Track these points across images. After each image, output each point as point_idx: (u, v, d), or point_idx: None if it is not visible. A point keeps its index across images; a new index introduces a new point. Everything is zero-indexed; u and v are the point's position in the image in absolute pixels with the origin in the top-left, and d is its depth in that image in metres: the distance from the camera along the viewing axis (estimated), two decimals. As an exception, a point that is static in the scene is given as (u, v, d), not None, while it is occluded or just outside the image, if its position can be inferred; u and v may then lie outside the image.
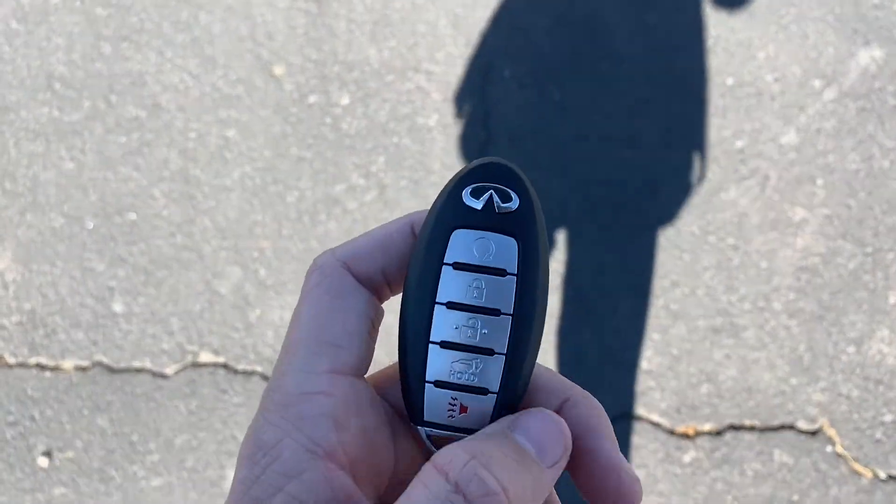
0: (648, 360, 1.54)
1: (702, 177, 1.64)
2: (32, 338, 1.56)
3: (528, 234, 0.32)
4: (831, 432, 1.50)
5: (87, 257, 1.61)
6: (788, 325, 1.55)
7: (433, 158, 1.66)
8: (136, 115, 1.71)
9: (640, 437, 1.50)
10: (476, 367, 0.31)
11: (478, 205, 0.32)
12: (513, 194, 0.32)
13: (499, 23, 1.77)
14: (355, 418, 0.30)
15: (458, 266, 0.31)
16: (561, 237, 1.61)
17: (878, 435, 1.50)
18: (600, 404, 0.33)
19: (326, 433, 0.29)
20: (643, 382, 1.53)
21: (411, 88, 1.71)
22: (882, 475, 1.48)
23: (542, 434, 0.30)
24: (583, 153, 1.67)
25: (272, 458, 0.28)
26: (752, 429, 1.50)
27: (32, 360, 1.55)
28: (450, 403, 0.31)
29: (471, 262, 0.31)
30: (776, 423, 1.50)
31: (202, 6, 1.78)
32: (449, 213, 0.32)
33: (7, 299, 1.59)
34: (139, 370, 1.54)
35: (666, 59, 1.74)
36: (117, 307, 1.58)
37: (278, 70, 1.73)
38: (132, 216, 1.63)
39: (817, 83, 1.70)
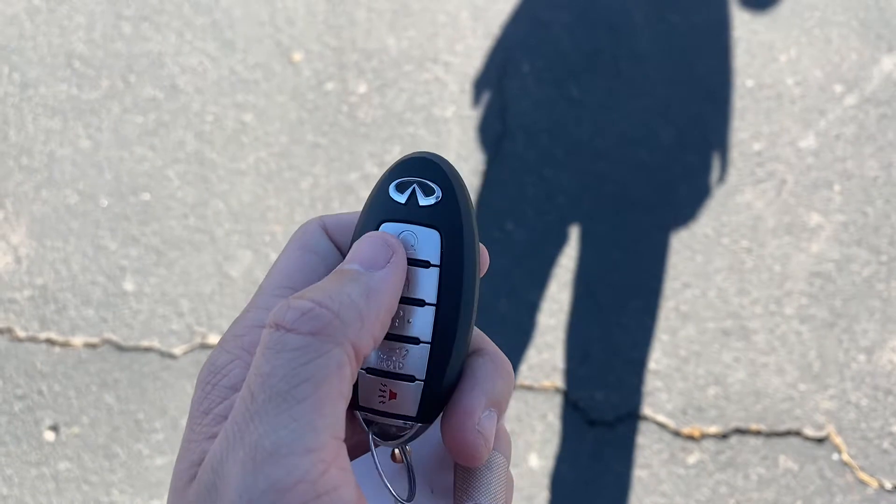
0: (656, 360, 1.53)
1: (718, 178, 1.63)
2: (43, 313, 1.57)
3: (450, 225, 0.32)
4: (838, 440, 1.49)
5: (100, 235, 1.62)
6: (799, 331, 1.54)
7: (448, 150, 1.65)
8: (154, 95, 1.71)
9: (645, 438, 1.49)
10: (403, 356, 0.32)
11: (402, 198, 0.33)
12: (435, 187, 0.33)
13: (519, 17, 1.76)
14: None
15: None
16: (573, 234, 1.60)
17: (886, 445, 1.49)
18: (507, 367, 0.34)
19: None
20: (650, 382, 1.52)
21: (429, 79, 1.71)
22: (888, 485, 1.47)
23: (362, 249, 0.31)
24: (599, 151, 1.66)
25: (222, 376, 0.29)
26: (758, 433, 1.49)
27: (42, 335, 1.56)
28: (380, 389, 0.32)
29: None
30: (783, 428, 1.49)
31: (223, -11, 1.78)
32: (377, 206, 0.33)
33: (20, 274, 1.60)
34: (147, 349, 1.54)
35: (686, 59, 1.73)
36: (128, 286, 1.58)
37: (297, 56, 1.73)
38: (146, 196, 1.64)
39: (838, 88, 1.68)
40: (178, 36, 1.76)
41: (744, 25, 1.73)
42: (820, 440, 1.49)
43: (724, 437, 1.49)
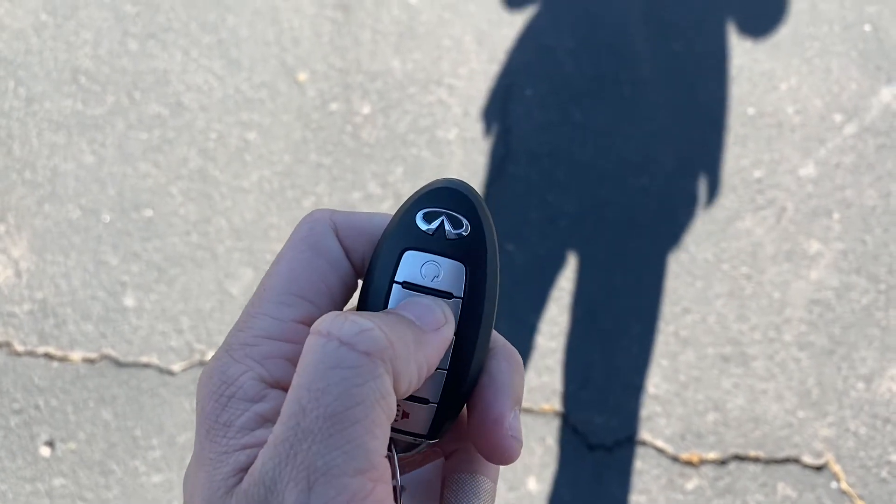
0: (656, 385, 1.53)
1: (718, 205, 1.64)
2: (42, 327, 1.56)
3: (476, 260, 0.33)
4: (836, 468, 1.49)
5: (101, 250, 1.61)
6: (798, 358, 1.55)
7: (451, 172, 1.66)
8: (159, 112, 1.72)
9: (644, 463, 1.49)
10: None
11: (429, 228, 0.33)
12: (464, 221, 0.33)
13: (523, 41, 1.78)
14: None
15: (406, 285, 0.33)
16: (574, 257, 1.61)
17: (884, 474, 1.49)
18: (518, 360, 0.34)
19: (286, 373, 0.30)
20: (649, 407, 1.52)
21: (433, 101, 1.72)
22: (886, 515, 1.46)
23: (419, 307, 0.31)
24: (601, 175, 1.67)
25: (236, 388, 0.30)
26: (756, 460, 1.49)
27: (41, 350, 1.55)
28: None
29: (418, 283, 0.33)
30: (781, 455, 1.49)
31: (230, 8, 1.80)
32: (402, 233, 0.33)
33: (20, 287, 1.59)
34: (146, 365, 1.54)
35: (688, 86, 1.74)
36: (128, 302, 1.58)
37: (302, 76, 1.75)
38: (149, 212, 1.64)
39: (838, 118, 1.70)
40: (184, 54, 1.77)
41: (745, 54, 1.75)
42: (819, 468, 1.49)
43: (722, 463, 1.49)
